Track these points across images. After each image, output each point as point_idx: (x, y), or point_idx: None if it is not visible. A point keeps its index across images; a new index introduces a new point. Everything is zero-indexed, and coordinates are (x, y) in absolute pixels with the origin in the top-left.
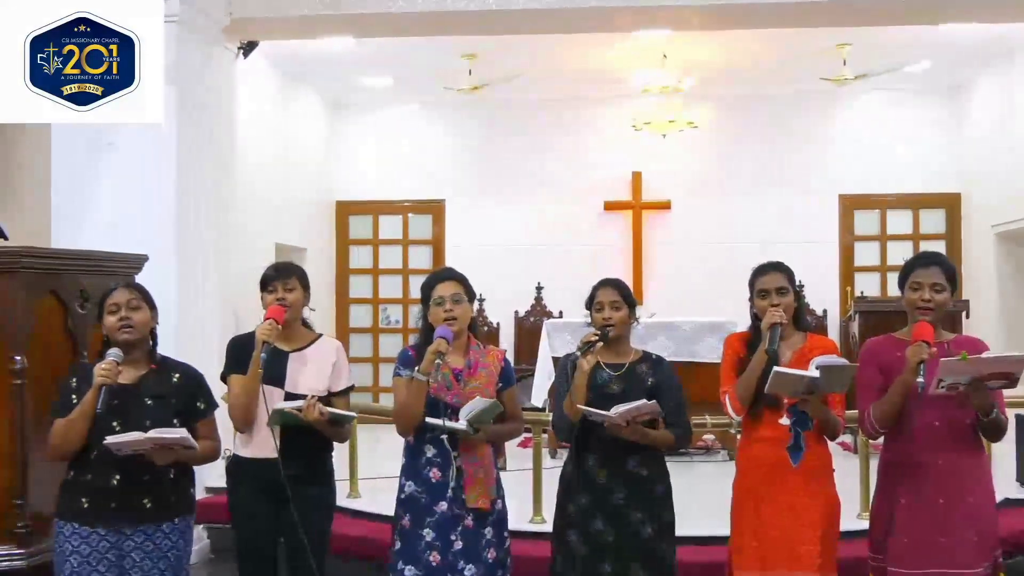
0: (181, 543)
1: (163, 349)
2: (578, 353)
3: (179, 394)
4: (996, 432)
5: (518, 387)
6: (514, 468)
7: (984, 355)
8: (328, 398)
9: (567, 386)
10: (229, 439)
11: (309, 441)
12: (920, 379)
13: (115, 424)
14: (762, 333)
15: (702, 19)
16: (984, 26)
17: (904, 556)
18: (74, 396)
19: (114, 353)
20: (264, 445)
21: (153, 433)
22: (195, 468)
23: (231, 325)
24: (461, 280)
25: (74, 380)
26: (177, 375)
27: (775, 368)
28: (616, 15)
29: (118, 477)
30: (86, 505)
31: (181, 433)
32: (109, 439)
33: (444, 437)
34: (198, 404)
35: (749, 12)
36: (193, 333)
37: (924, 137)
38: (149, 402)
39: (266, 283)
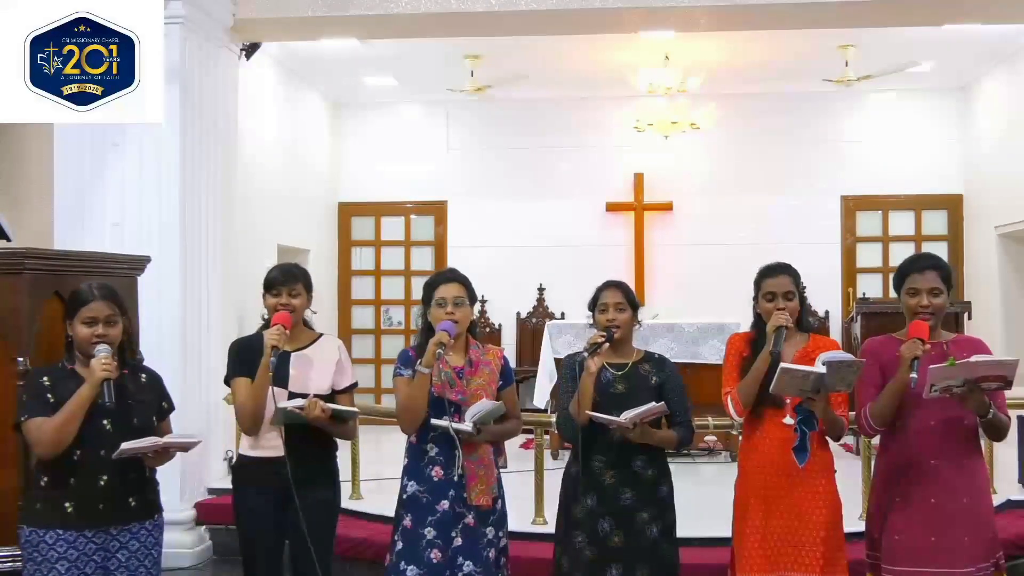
0: (162, 540)
1: (169, 349)
2: (585, 354)
3: (150, 394)
4: (997, 432)
5: (515, 386)
6: (516, 469)
7: (973, 358)
8: (333, 396)
9: (572, 387)
10: (231, 440)
11: (315, 441)
12: (914, 375)
13: (105, 423)
14: (767, 336)
15: (709, 20)
16: (988, 27)
17: (897, 555)
18: (49, 395)
19: (104, 348)
20: (271, 445)
21: (169, 438)
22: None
23: (234, 325)
24: (464, 282)
25: (45, 379)
26: (144, 376)
27: (781, 364)
28: (623, 16)
29: (105, 477)
30: (70, 509)
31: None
32: (126, 445)
33: (452, 434)
34: (163, 404)
35: (755, 13)
36: (197, 333)
37: (927, 138)
38: (131, 402)
39: (271, 286)
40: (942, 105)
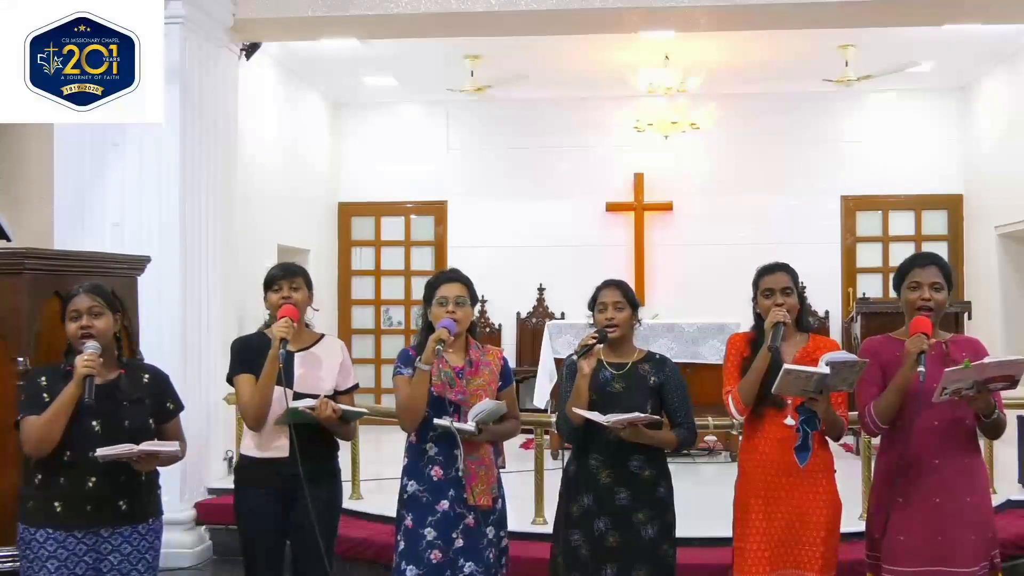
0: (158, 544)
1: (169, 349)
2: (575, 356)
3: (151, 395)
4: (996, 431)
5: (515, 387)
6: (516, 469)
7: (986, 360)
8: (335, 397)
9: (571, 387)
10: (231, 440)
11: (318, 441)
12: (921, 369)
13: (94, 424)
14: (765, 332)
15: (709, 20)
16: (988, 27)
17: (899, 555)
18: (45, 395)
19: (92, 345)
20: (276, 446)
21: (146, 445)
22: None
23: (234, 325)
24: (466, 283)
25: (43, 378)
26: (146, 376)
27: (785, 365)
28: (623, 16)
29: (93, 479)
30: (59, 509)
31: (173, 446)
32: (100, 451)
33: (454, 434)
34: (167, 405)
35: (755, 13)
36: (197, 333)
37: (927, 138)
38: (125, 403)
39: (271, 283)
40: (942, 105)
